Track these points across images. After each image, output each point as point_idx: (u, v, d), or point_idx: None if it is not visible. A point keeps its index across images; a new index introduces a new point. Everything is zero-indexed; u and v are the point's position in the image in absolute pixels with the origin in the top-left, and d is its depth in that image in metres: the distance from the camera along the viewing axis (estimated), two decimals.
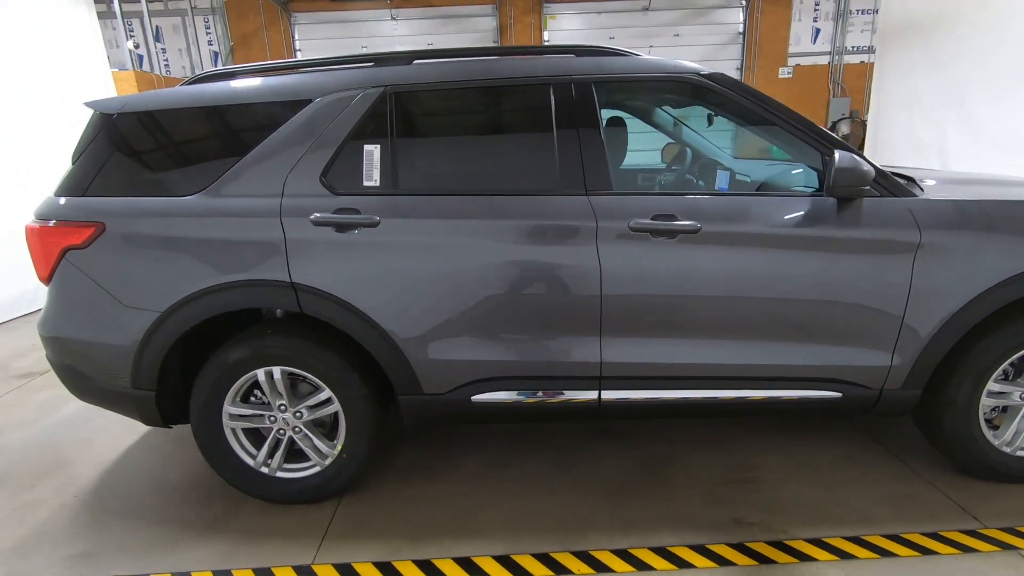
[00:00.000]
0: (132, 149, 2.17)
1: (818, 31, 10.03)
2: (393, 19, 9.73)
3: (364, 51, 9.82)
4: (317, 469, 2.24)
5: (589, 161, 2.02)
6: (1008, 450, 2.19)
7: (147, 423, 2.31)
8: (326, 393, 2.15)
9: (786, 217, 2.00)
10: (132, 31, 8.89)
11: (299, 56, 9.95)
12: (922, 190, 2.15)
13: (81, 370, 2.20)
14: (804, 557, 1.90)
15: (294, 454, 2.27)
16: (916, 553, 1.90)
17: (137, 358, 2.10)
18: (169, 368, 2.16)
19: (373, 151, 2.05)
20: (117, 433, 2.93)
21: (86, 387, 2.25)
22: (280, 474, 2.26)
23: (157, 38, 9.76)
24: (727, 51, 10.05)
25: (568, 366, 2.09)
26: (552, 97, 2.05)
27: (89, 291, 2.10)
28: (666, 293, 2.02)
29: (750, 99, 2.07)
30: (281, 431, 2.22)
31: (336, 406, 2.16)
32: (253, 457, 2.24)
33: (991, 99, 4.80)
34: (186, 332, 2.07)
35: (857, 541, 1.97)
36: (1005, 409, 2.21)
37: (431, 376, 2.10)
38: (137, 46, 8.44)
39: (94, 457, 2.74)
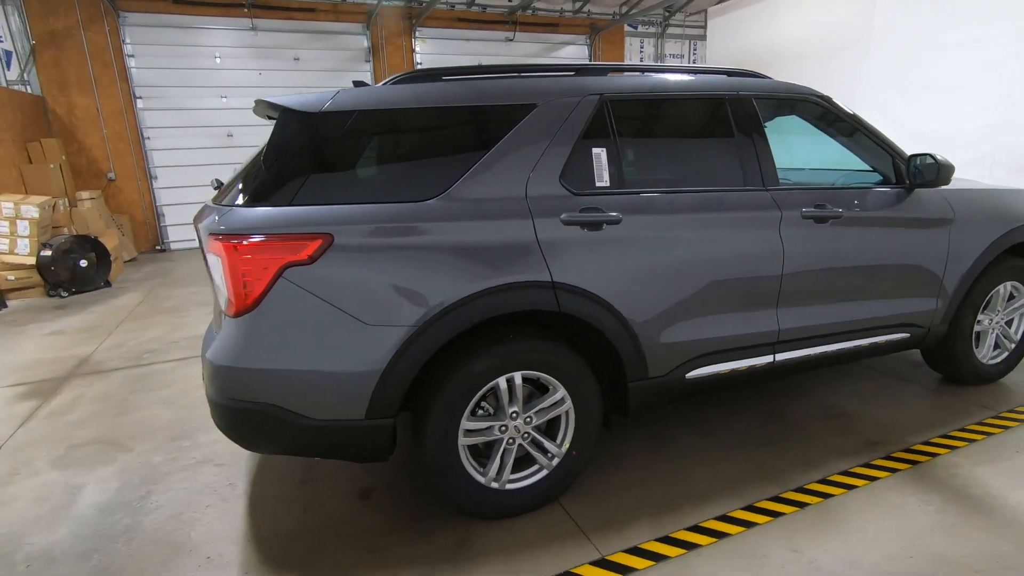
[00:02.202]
0: (345, 151, 1.95)
1: None
2: (253, 30, 8.90)
3: (217, 62, 8.82)
4: (545, 472, 2.24)
5: (764, 161, 2.44)
6: (986, 361, 3.17)
7: (363, 459, 2.06)
8: (560, 392, 2.18)
9: (888, 203, 2.67)
10: None
11: (132, 61, 8.49)
12: None
13: (287, 407, 1.88)
14: (929, 455, 2.56)
15: (515, 463, 2.22)
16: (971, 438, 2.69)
17: (382, 382, 1.89)
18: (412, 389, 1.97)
19: (601, 153, 2.19)
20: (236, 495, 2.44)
21: (281, 430, 1.91)
22: (509, 486, 2.19)
23: None
24: None
25: (757, 336, 2.47)
26: (729, 108, 2.43)
27: (318, 313, 1.84)
28: (821, 267, 2.54)
29: (850, 117, 2.71)
30: (511, 440, 2.17)
31: (568, 404, 2.21)
32: (482, 474, 2.14)
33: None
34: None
35: (944, 436, 2.70)
36: (978, 334, 3.18)
37: (658, 360, 2.29)
38: None
39: (277, 524, 2.26)
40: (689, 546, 2.05)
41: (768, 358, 2.53)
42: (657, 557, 2.00)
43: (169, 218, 9.19)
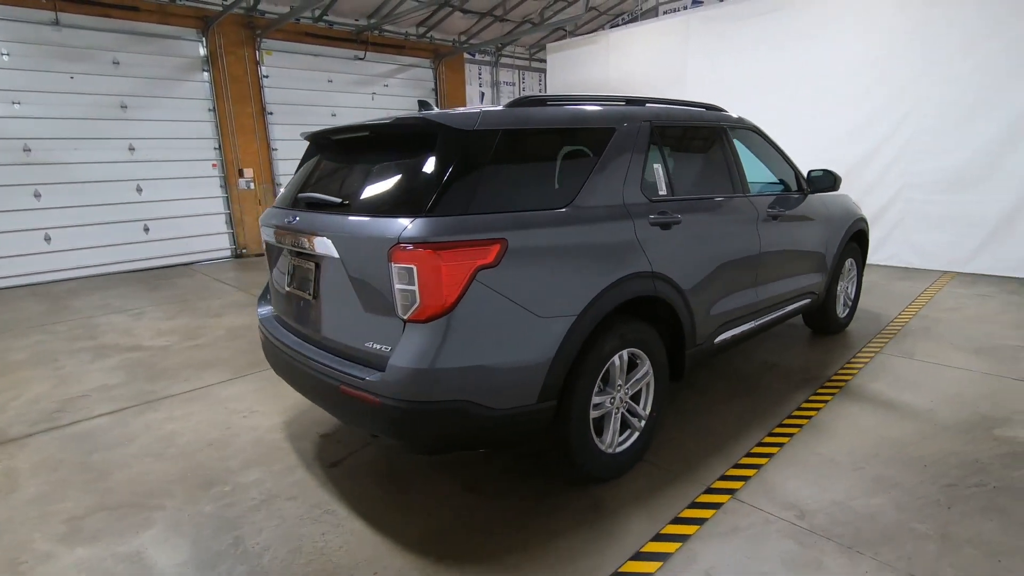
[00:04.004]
0: (497, 165, 2.16)
1: (483, 94, 12.78)
2: (56, 25, 7.44)
3: (5, 60, 7.27)
4: (636, 435, 2.67)
5: (743, 174, 3.23)
6: (841, 316, 4.47)
7: (524, 442, 2.25)
8: (647, 364, 2.65)
9: (799, 205, 3.68)
10: None
11: None
12: None
13: (478, 401, 2.03)
14: (843, 381, 3.63)
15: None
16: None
17: (552, 367, 2.15)
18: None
19: (658, 168, 2.73)
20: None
21: (471, 424, 2.07)
22: (618, 449, 2.58)
23: None
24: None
25: (749, 306, 3.25)
26: (723, 135, 3.17)
27: (502, 310, 2.04)
28: (776, 252, 3.42)
29: (770, 141, 3.68)
30: (617, 410, 2.56)
31: (650, 375, 2.69)
32: (601, 442, 2.50)
33: None
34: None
35: (843, 368, 3.82)
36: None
37: (703, 330, 2.90)
38: None
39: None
40: (754, 467, 2.68)
41: (752, 323, 3.33)
42: (740, 479, 2.58)
43: None
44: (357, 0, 9.86)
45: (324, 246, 2.20)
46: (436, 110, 2.77)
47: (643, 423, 2.68)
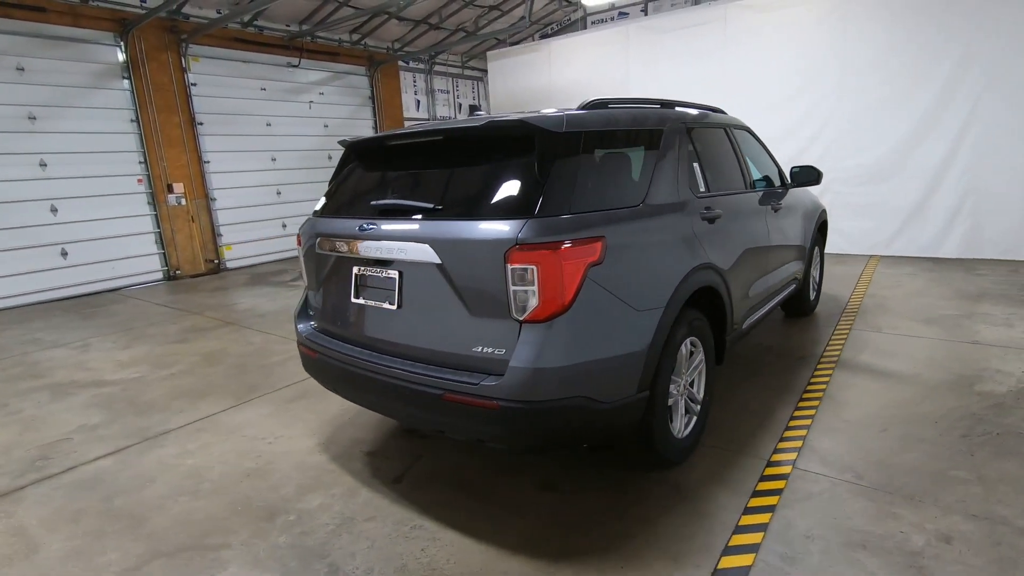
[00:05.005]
0: (584, 166, 2.21)
1: (419, 101, 12.65)
2: None
3: None
4: (694, 419, 2.82)
5: (749, 171, 3.49)
6: (812, 299, 4.91)
7: (618, 436, 2.29)
8: (701, 351, 2.81)
9: (784, 198, 4.03)
10: None
11: None
12: None
13: (592, 396, 2.07)
14: (834, 357, 3.99)
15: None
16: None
17: (648, 358, 2.24)
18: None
19: (697, 167, 2.90)
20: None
21: (586, 419, 2.12)
22: (684, 434, 2.71)
23: None
24: (364, 111, 11.40)
25: (767, 290, 3.52)
26: (732, 134, 3.42)
27: (608, 305, 2.11)
28: (779, 240, 3.73)
29: (758, 139, 4.00)
30: (682, 396, 2.69)
31: (703, 360, 2.84)
32: (673, 429, 2.62)
33: None
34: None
35: (828, 345, 4.21)
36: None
37: (737, 315, 3.10)
38: None
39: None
40: (797, 438, 2.91)
41: (766, 307, 3.60)
42: (792, 450, 2.80)
43: None
44: (289, 6, 9.44)
45: (419, 252, 2.14)
46: (484, 113, 2.78)
47: (699, 408, 2.83)
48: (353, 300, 2.48)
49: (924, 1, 6.74)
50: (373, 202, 2.48)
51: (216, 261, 9.20)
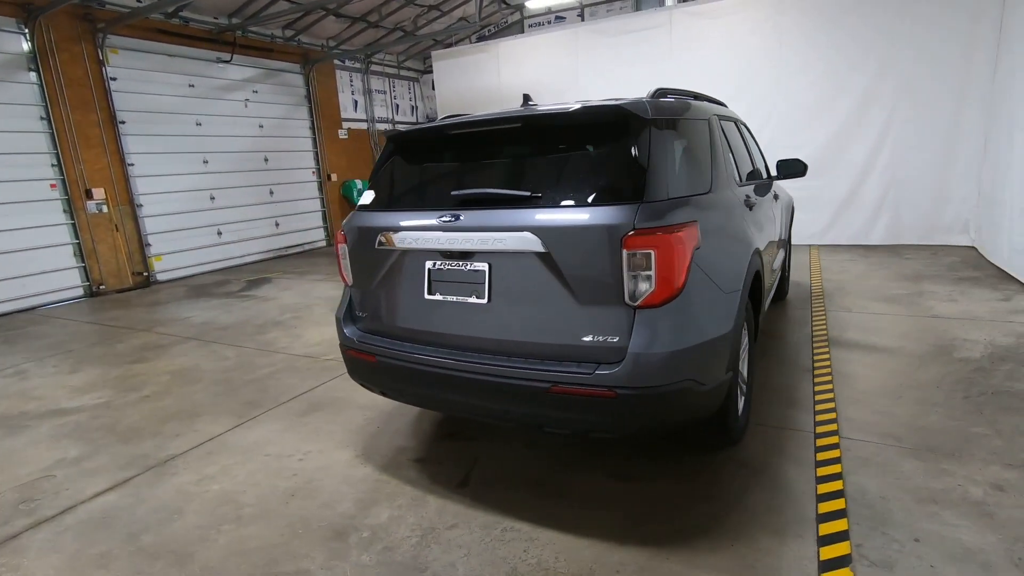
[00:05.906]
0: (672, 153, 2.23)
1: (356, 102, 12.20)
2: None
3: None
4: (744, 400, 2.93)
5: (758, 163, 3.68)
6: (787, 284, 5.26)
7: (707, 413, 2.32)
8: (747, 335, 2.92)
9: (774, 188, 4.29)
10: None
11: None
12: None
13: (697, 379, 2.09)
14: (825, 334, 4.31)
15: None
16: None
17: (733, 339, 2.29)
18: None
19: (731, 157, 3.01)
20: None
21: (690, 402, 2.14)
22: (741, 413, 2.80)
23: None
24: (300, 111, 10.81)
25: (775, 271, 3.70)
26: (740, 126, 3.58)
27: (707, 288, 2.15)
28: (778, 227, 3.95)
29: (750, 132, 4.23)
30: (739, 376, 2.79)
31: (747, 344, 2.96)
32: (736, 409, 2.70)
33: None
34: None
35: (814, 324, 4.53)
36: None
37: (766, 292, 3.25)
38: None
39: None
40: (829, 411, 3.10)
41: (772, 293, 3.80)
42: (831, 422, 2.98)
43: None
44: None
45: (520, 241, 2.05)
46: (534, 102, 2.73)
47: (745, 388, 2.94)
48: (427, 297, 2.34)
49: (842, 16, 7.46)
50: (455, 192, 2.33)
51: (145, 273, 8.36)
